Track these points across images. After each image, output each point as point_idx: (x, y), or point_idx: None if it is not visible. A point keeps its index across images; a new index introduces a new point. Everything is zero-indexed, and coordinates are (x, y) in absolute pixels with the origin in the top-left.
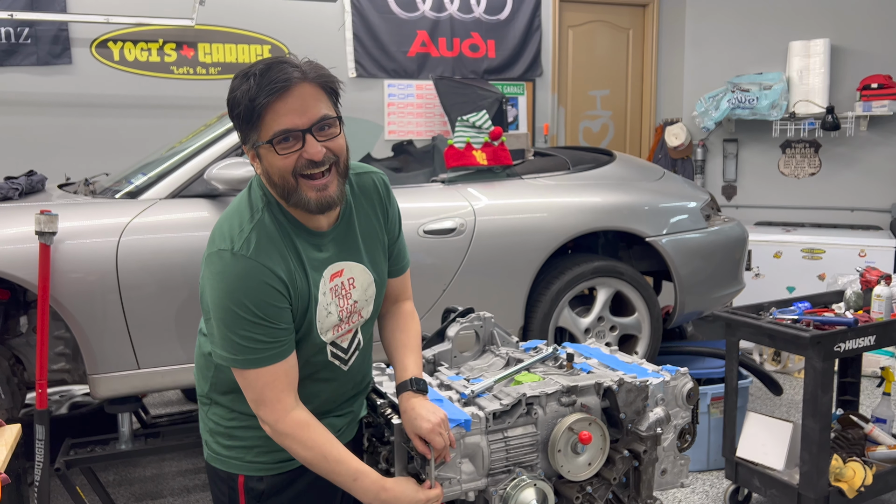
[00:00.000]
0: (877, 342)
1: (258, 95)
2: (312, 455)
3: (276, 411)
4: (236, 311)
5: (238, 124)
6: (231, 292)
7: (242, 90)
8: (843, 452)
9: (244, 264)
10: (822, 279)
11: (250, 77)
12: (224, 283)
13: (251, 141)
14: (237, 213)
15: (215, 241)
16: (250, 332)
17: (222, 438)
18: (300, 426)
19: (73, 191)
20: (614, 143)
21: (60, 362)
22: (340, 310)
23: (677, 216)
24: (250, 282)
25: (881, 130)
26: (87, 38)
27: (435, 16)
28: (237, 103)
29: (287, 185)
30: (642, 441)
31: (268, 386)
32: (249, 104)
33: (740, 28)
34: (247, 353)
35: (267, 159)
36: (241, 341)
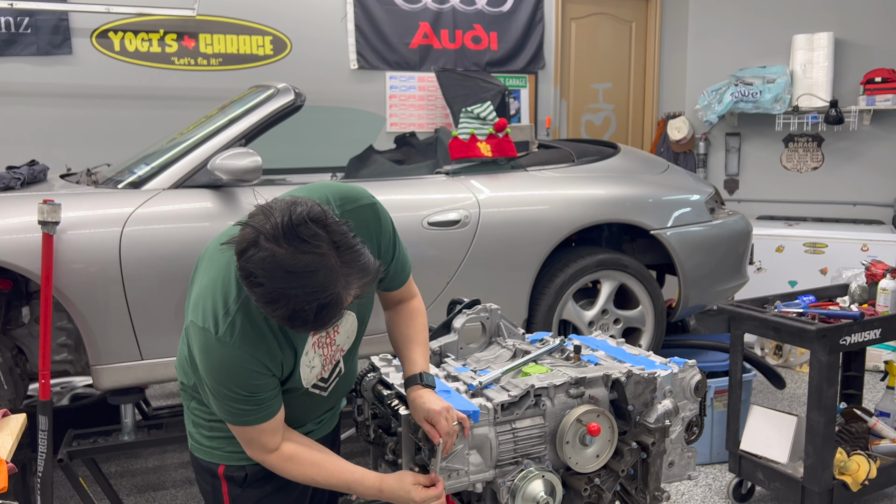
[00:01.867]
0: (882, 335)
1: (305, 327)
2: (303, 481)
3: (262, 454)
4: (221, 390)
5: (258, 301)
6: (216, 374)
7: (285, 310)
8: (847, 446)
9: (228, 352)
10: (825, 273)
11: (297, 300)
12: (209, 363)
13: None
14: (222, 286)
15: (199, 315)
16: (238, 405)
17: (204, 430)
18: (286, 460)
19: (76, 181)
20: (616, 136)
21: (63, 353)
22: (323, 358)
23: (681, 209)
24: (234, 368)
25: (884, 124)
26: (88, 28)
27: (437, 7)
28: (273, 313)
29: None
30: (650, 433)
31: (254, 439)
32: (290, 324)
33: (744, 21)
34: (237, 416)
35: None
36: (231, 409)
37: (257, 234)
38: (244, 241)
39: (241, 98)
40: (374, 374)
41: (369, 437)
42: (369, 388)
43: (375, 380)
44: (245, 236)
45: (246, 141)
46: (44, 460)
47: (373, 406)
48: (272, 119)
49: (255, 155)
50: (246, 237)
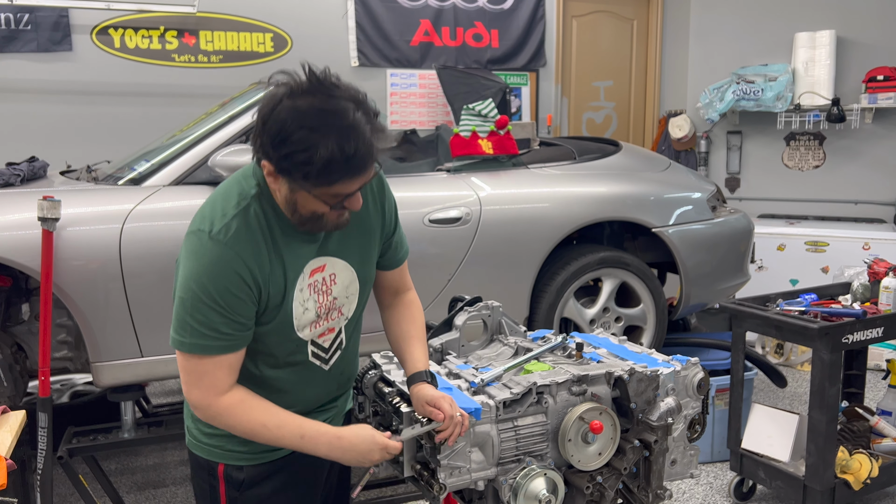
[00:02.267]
0: (885, 334)
1: (340, 171)
2: (251, 427)
3: (209, 396)
4: (198, 294)
5: (280, 155)
6: (198, 275)
7: (323, 150)
8: (849, 445)
9: (218, 250)
10: (826, 272)
11: (331, 138)
12: (194, 263)
13: (296, 182)
14: (224, 197)
15: (196, 221)
16: (206, 318)
17: (203, 426)
18: (233, 405)
19: (76, 177)
20: (617, 134)
21: (63, 350)
22: (319, 306)
23: (683, 207)
24: (218, 268)
25: (886, 123)
26: (88, 25)
27: (438, 4)
28: (309, 160)
29: (305, 216)
30: (653, 431)
31: (207, 374)
32: (326, 170)
33: (745, 19)
34: (196, 337)
35: (305, 199)
36: (195, 324)
37: (287, 89)
38: (274, 98)
39: (241, 95)
40: (375, 372)
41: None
42: (371, 386)
43: (377, 377)
44: (274, 94)
45: (246, 138)
46: (43, 457)
47: (374, 403)
48: None
49: None
50: (276, 95)
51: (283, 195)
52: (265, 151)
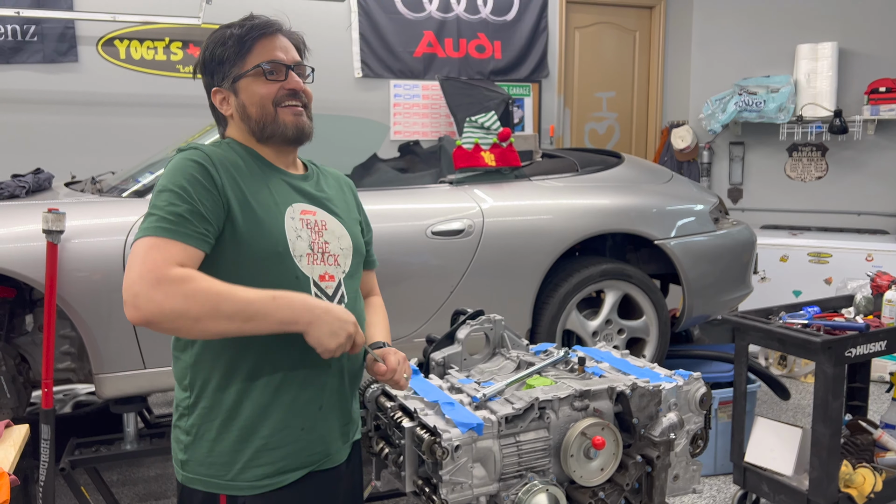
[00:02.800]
0: (888, 347)
1: (249, 33)
2: (208, 297)
3: (158, 266)
4: (165, 188)
5: (216, 66)
6: (166, 176)
7: (229, 32)
8: (853, 458)
9: (187, 154)
10: (829, 283)
11: (235, 24)
12: (169, 168)
13: (231, 76)
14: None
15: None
16: (170, 204)
17: (200, 450)
18: (185, 279)
19: (80, 189)
20: (620, 145)
21: (66, 361)
22: (312, 241)
23: (685, 219)
24: (186, 164)
25: (889, 134)
26: (94, 37)
27: (441, 16)
28: (222, 42)
29: (266, 113)
30: (655, 446)
31: (158, 250)
32: (239, 40)
33: (747, 30)
34: (156, 221)
35: (248, 90)
36: (157, 211)
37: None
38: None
39: None
40: (377, 386)
41: (372, 448)
42: (372, 400)
43: (378, 391)
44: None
45: None
46: (46, 469)
47: (375, 418)
48: None
49: None
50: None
51: (236, 108)
52: (207, 81)
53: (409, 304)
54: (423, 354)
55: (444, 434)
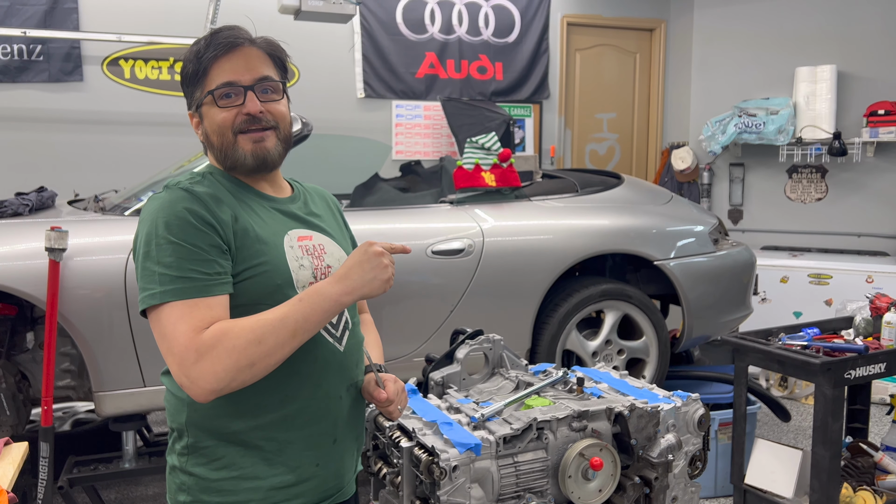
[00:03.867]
0: (887, 370)
1: (206, 52)
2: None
3: (190, 338)
4: (159, 236)
5: (185, 88)
6: (155, 219)
7: (192, 51)
8: (853, 481)
9: (175, 193)
10: (829, 304)
11: (201, 40)
12: (150, 214)
13: (195, 100)
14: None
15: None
16: (173, 258)
17: (208, 496)
18: (220, 328)
19: (83, 207)
20: (620, 165)
21: (66, 379)
22: (315, 267)
23: (685, 240)
24: (175, 206)
25: (888, 156)
26: (99, 56)
27: (444, 38)
28: (186, 64)
29: (225, 142)
30: (653, 468)
31: (185, 317)
32: (196, 61)
33: (747, 53)
34: (165, 282)
35: (208, 116)
36: (163, 270)
37: None
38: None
39: None
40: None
41: (370, 468)
42: (371, 419)
43: (376, 412)
44: None
45: None
46: (44, 487)
47: (373, 437)
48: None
49: None
50: None
51: (203, 134)
52: (188, 103)
53: (409, 323)
54: (423, 374)
55: (443, 454)
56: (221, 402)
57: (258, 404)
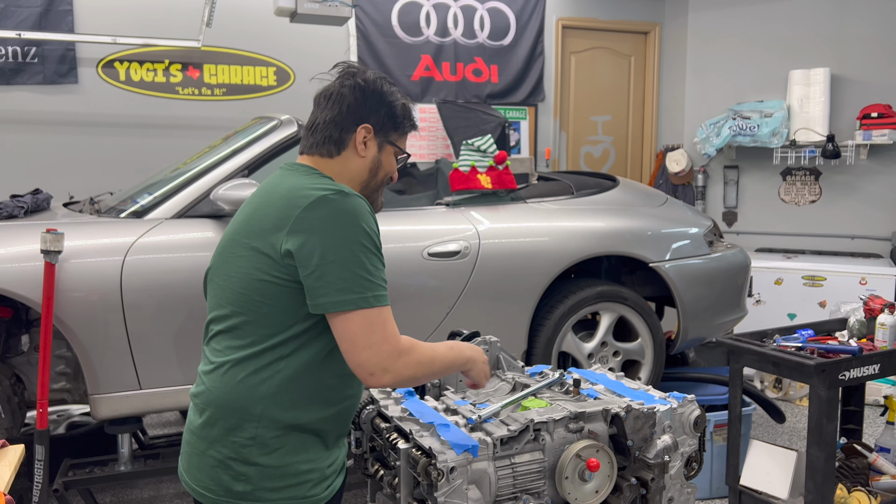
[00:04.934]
0: (881, 371)
1: (413, 122)
2: (428, 356)
3: (395, 342)
4: (362, 243)
5: (386, 111)
6: (355, 224)
7: (406, 103)
8: (848, 482)
9: (358, 200)
10: (824, 306)
11: (408, 100)
12: (344, 217)
13: (388, 133)
14: (308, 179)
15: (308, 195)
16: (375, 266)
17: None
18: (410, 340)
19: (79, 209)
20: (615, 168)
21: (61, 381)
22: None
23: (680, 242)
24: (368, 216)
25: (881, 159)
26: (94, 58)
27: (439, 41)
28: (401, 107)
29: (379, 182)
30: (650, 469)
31: (388, 322)
32: (408, 118)
33: (741, 56)
34: (374, 288)
35: (388, 157)
36: (368, 276)
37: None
38: (358, 69)
39: (244, 129)
40: (372, 407)
41: (367, 470)
42: (368, 421)
43: (374, 412)
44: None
45: (249, 172)
46: (39, 490)
47: (371, 439)
48: (275, 150)
49: (258, 186)
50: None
51: (369, 159)
52: (364, 116)
53: (406, 325)
54: None
55: (440, 456)
56: (299, 396)
57: (327, 399)
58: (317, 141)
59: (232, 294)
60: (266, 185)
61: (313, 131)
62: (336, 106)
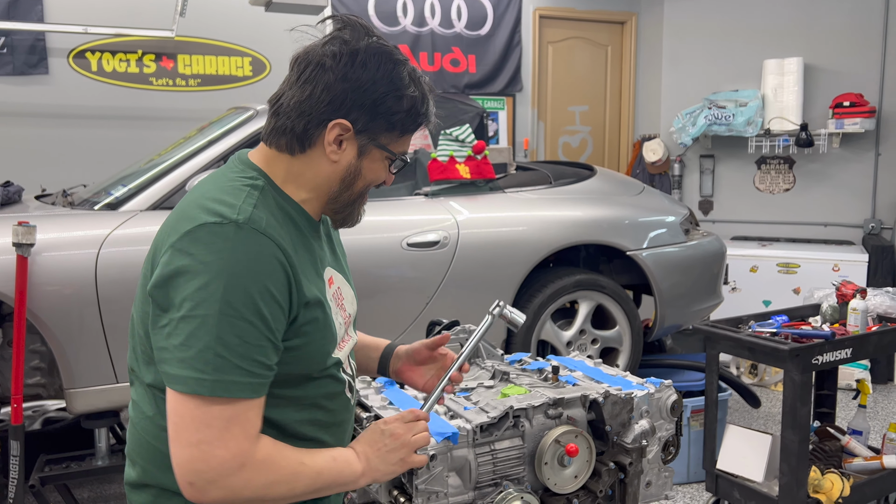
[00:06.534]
0: (853, 355)
1: (425, 116)
2: (290, 473)
3: (241, 450)
4: (232, 304)
5: (370, 107)
6: (233, 275)
7: (412, 93)
8: (821, 464)
9: (255, 239)
10: (798, 293)
11: (422, 85)
12: (224, 261)
13: (372, 135)
14: (226, 185)
15: (196, 216)
16: (241, 339)
17: None
18: (271, 451)
19: (51, 202)
20: (593, 158)
21: (36, 376)
22: (344, 321)
23: (657, 230)
24: (261, 262)
25: (853, 147)
26: (65, 49)
27: (416, 30)
28: (398, 96)
29: (353, 195)
30: (628, 453)
31: (237, 421)
32: (413, 113)
33: (717, 46)
34: (226, 370)
35: (372, 164)
36: (224, 352)
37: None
38: (356, 30)
39: (219, 120)
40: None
41: None
42: None
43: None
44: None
45: (224, 163)
46: (15, 486)
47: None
48: (251, 141)
49: None
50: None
51: (342, 166)
52: (343, 106)
53: (385, 315)
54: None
55: None
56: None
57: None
58: (276, 128)
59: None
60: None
61: (275, 112)
62: (308, 85)
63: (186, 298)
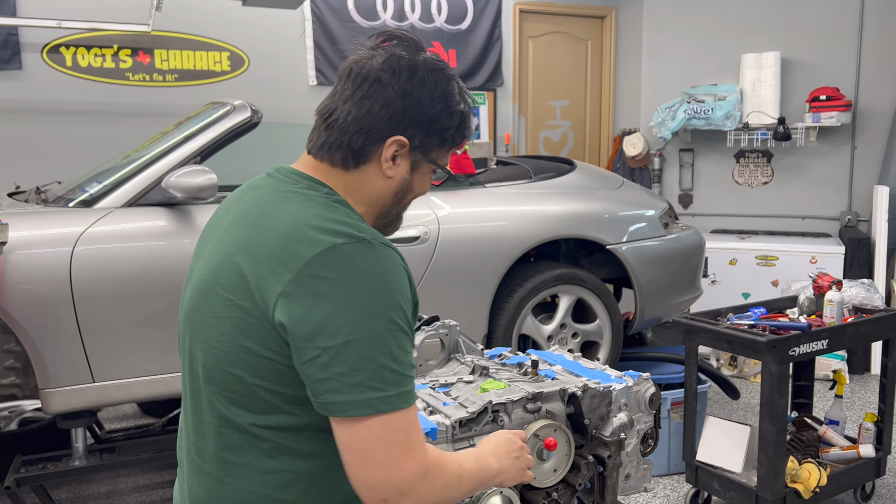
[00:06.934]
0: (829, 346)
1: (469, 130)
2: (456, 475)
3: (422, 455)
4: (391, 318)
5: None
6: (382, 291)
7: (463, 109)
8: (799, 454)
9: (386, 253)
10: (776, 285)
11: (468, 100)
12: (369, 279)
13: (426, 151)
14: (319, 202)
15: (318, 238)
16: (405, 347)
17: None
18: (438, 453)
19: (24, 199)
20: (574, 152)
21: (10, 377)
22: None
23: (637, 224)
24: (397, 273)
25: (830, 141)
26: (38, 43)
27: (396, 24)
28: (449, 112)
29: (401, 207)
30: (606, 446)
31: (413, 428)
32: (462, 128)
33: (696, 40)
34: (401, 382)
35: (420, 177)
36: (395, 366)
37: (413, 42)
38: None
39: (196, 115)
40: None
41: None
42: None
43: None
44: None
45: (201, 158)
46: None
47: None
48: (228, 136)
49: (211, 173)
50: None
51: (396, 181)
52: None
53: None
54: None
55: None
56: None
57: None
58: (330, 142)
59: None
60: (252, 200)
61: (328, 126)
62: (366, 101)
63: (342, 323)
